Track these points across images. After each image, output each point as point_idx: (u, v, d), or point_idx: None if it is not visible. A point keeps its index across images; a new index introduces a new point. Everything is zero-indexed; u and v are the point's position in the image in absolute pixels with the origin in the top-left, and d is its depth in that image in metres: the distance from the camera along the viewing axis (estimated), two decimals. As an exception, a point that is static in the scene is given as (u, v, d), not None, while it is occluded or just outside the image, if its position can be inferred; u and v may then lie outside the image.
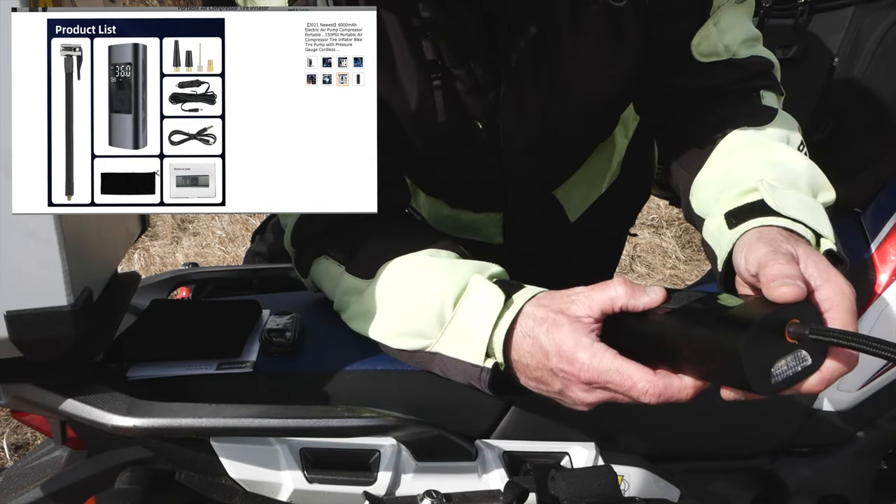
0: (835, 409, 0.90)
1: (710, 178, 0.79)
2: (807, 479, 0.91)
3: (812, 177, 0.75)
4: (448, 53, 0.78)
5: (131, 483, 0.71)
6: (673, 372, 0.58)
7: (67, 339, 0.57)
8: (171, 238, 3.30)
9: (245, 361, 0.77)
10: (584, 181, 1.11)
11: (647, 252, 2.93)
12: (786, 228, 0.66)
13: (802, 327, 0.53)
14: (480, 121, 0.85)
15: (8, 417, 1.93)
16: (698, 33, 0.84)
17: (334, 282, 0.83)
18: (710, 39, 0.84)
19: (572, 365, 0.61)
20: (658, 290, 0.61)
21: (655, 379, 0.57)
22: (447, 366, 0.71)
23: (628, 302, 0.60)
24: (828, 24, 1.04)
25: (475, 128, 0.86)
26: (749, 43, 0.87)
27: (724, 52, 0.85)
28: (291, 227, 0.86)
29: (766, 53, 0.88)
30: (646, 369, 0.58)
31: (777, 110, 0.83)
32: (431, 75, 0.80)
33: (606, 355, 0.60)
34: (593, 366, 0.59)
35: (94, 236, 0.66)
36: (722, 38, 0.84)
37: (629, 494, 0.79)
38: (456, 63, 0.79)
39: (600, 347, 0.60)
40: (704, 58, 0.85)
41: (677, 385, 0.57)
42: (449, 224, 1.13)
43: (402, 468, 0.74)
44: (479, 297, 0.69)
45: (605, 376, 0.59)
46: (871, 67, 0.99)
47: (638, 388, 0.57)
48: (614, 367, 0.59)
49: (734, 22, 0.85)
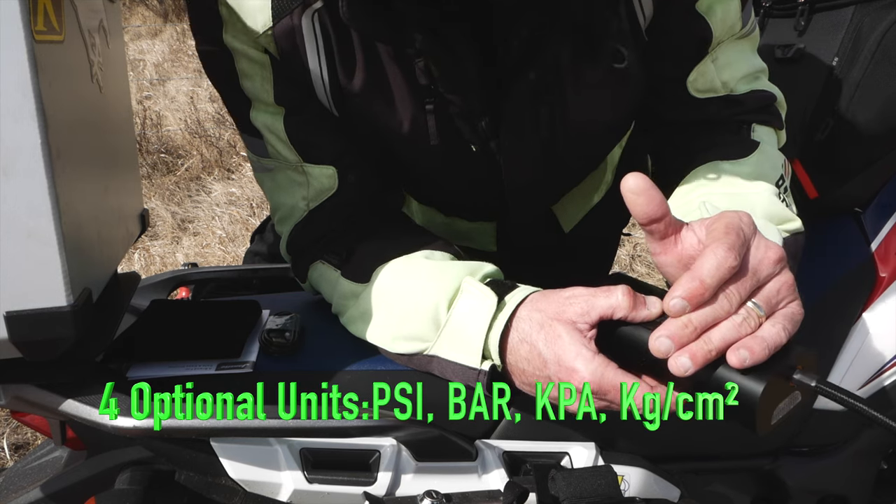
0: (835, 409, 0.90)
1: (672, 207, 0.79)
2: (807, 479, 0.91)
3: (770, 209, 0.72)
4: (441, 80, 0.76)
5: (131, 484, 0.71)
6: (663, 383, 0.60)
7: (67, 339, 0.56)
8: (171, 238, 3.30)
9: (245, 362, 0.77)
10: (580, 193, 1.10)
11: (647, 252, 2.93)
12: None
13: (807, 377, 0.55)
14: (474, 144, 0.83)
15: (8, 418, 1.93)
16: (695, 69, 0.83)
17: (331, 286, 0.83)
18: (707, 76, 0.83)
19: (571, 375, 0.61)
20: (657, 302, 0.60)
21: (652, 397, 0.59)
22: (445, 368, 0.71)
23: (629, 314, 0.60)
24: (828, 24, 1.04)
25: (469, 151, 0.84)
26: (749, 78, 0.85)
27: (721, 88, 0.84)
28: (287, 235, 0.86)
29: (768, 87, 0.86)
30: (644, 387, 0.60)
31: (758, 144, 0.81)
32: (424, 99, 0.78)
33: (608, 370, 0.60)
34: (594, 380, 0.60)
35: (94, 236, 0.66)
36: (720, 75, 0.83)
37: (629, 494, 0.79)
38: (449, 88, 0.77)
39: (601, 361, 0.60)
40: (700, 94, 0.84)
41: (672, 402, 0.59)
42: (442, 231, 1.12)
43: (402, 468, 0.74)
44: (471, 299, 0.69)
45: (604, 389, 0.60)
46: (871, 67, 0.99)
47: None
48: (614, 383, 0.59)
49: (735, 57, 0.83)
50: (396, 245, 0.80)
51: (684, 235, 0.60)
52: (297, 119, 0.81)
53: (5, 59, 0.52)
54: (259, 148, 0.83)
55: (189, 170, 4.04)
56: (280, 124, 0.80)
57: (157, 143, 4.35)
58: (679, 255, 0.59)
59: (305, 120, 0.81)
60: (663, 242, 0.60)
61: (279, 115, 0.80)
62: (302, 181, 0.83)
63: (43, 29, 0.55)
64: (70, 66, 0.63)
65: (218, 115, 4.55)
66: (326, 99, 0.80)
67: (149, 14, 7.83)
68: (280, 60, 0.77)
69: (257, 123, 0.81)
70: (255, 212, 3.45)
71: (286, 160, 0.82)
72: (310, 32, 0.75)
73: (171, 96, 5.42)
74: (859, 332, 0.90)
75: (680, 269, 0.59)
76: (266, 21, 0.74)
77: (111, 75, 0.79)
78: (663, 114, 0.89)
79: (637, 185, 0.56)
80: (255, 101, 0.80)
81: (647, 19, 0.79)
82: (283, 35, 0.74)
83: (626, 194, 0.57)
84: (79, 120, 0.64)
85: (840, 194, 1.02)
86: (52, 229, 0.54)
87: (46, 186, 0.54)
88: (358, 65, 0.77)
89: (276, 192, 0.86)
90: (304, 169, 0.82)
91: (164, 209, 3.52)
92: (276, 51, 0.76)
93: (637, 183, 0.56)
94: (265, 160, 0.84)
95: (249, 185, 3.76)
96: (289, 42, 0.75)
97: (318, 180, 0.82)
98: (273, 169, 0.84)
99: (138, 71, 6.14)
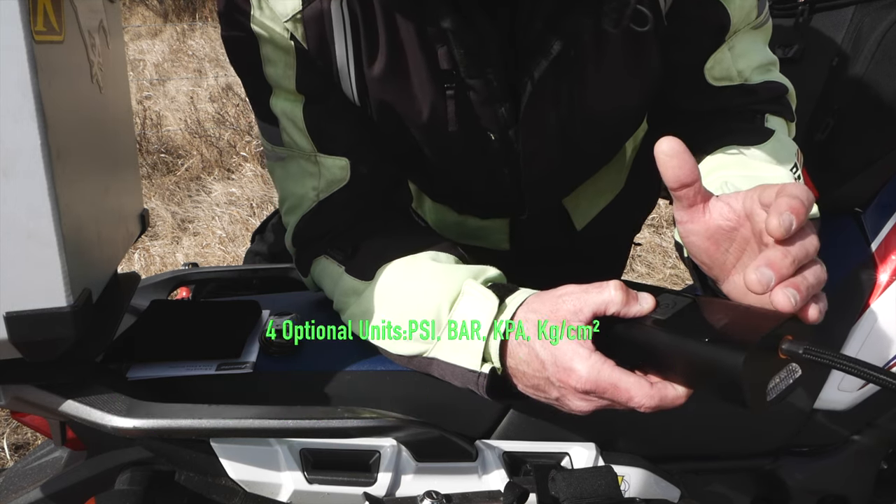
0: (835, 409, 0.90)
1: None
2: (807, 479, 0.91)
3: None
4: (464, 63, 0.77)
5: (131, 484, 0.71)
6: (662, 378, 0.59)
7: (67, 339, 0.56)
8: (171, 238, 3.30)
9: (245, 362, 0.76)
10: (593, 190, 1.11)
11: (647, 252, 2.93)
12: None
13: (796, 345, 0.53)
14: (493, 132, 0.85)
15: (8, 418, 1.93)
16: (712, 57, 0.84)
17: (334, 282, 0.83)
18: (724, 64, 0.85)
19: (569, 375, 0.61)
20: (649, 298, 0.61)
21: (652, 391, 0.58)
22: (445, 371, 0.71)
23: (621, 309, 0.61)
24: (828, 23, 1.04)
25: (487, 139, 0.85)
26: (764, 69, 0.87)
27: (736, 77, 0.85)
28: (293, 227, 0.87)
29: (780, 79, 0.88)
30: (643, 382, 0.59)
31: (773, 132, 0.83)
32: (445, 85, 0.80)
33: (605, 368, 0.60)
34: (591, 377, 0.60)
35: (94, 237, 0.66)
36: (736, 64, 0.85)
37: (629, 495, 0.79)
38: (471, 73, 0.78)
39: (598, 359, 0.60)
40: (717, 81, 0.86)
41: (672, 395, 0.59)
42: (455, 230, 1.13)
43: (403, 469, 0.74)
44: (473, 302, 0.69)
45: (602, 388, 0.60)
46: (871, 67, 0.98)
47: (635, 401, 0.59)
48: (612, 381, 0.59)
49: (749, 47, 0.85)
50: (401, 245, 0.80)
51: (713, 206, 0.60)
52: (317, 108, 0.82)
53: (5, 60, 0.52)
54: (274, 136, 0.84)
55: (189, 170, 4.03)
56: (299, 111, 0.82)
57: (157, 143, 4.35)
58: (706, 225, 0.60)
59: (324, 109, 0.82)
60: (691, 210, 0.60)
61: (299, 103, 0.82)
62: (314, 171, 0.84)
63: (43, 29, 0.55)
64: (70, 66, 0.63)
65: (218, 115, 4.55)
66: (350, 86, 0.81)
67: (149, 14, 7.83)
68: (305, 47, 0.78)
69: (276, 110, 0.82)
70: (255, 212, 3.45)
71: (300, 149, 0.83)
72: (338, 17, 0.77)
73: (171, 96, 5.42)
74: (859, 333, 0.90)
75: (705, 238, 0.60)
76: (296, 5, 0.76)
77: (111, 75, 0.79)
78: (678, 102, 0.90)
79: (671, 147, 0.57)
80: (276, 89, 0.81)
81: (668, 4, 0.81)
82: (312, 19, 0.76)
83: (659, 156, 0.57)
84: (79, 120, 0.64)
85: (840, 194, 1.02)
86: (52, 230, 0.54)
87: (46, 187, 0.54)
88: (381, 50, 0.78)
89: (287, 182, 0.86)
90: (317, 159, 0.83)
91: (164, 209, 3.52)
92: (302, 36, 0.77)
93: (671, 146, 0.57)
94: (279, 148, 0.85)
95: (249, 185, 3.76)
96: (317, 26, 0.77)
97: (331, 171, 0.83)
98: (286, 158, 0.85)
99: (138, 71, 6.13)
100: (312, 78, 0.80)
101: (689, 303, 0.61)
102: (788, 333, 0.54)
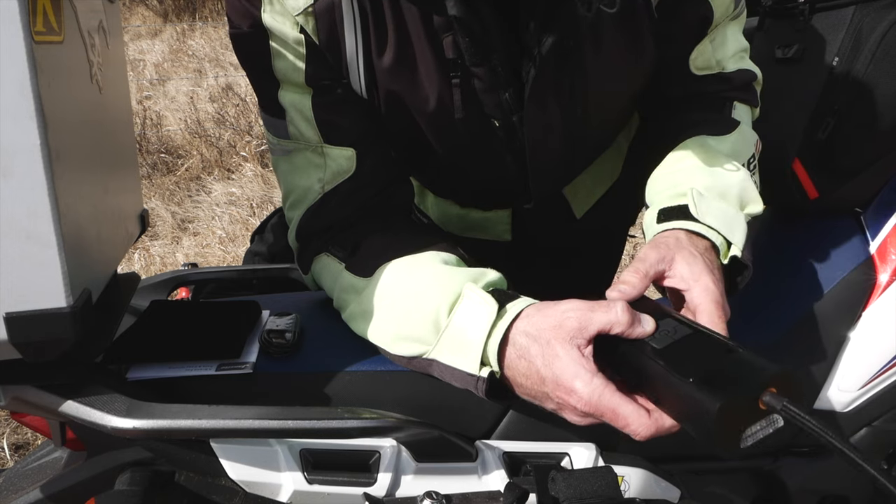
0: (835, 409, 0.90)
1: (661, 173, 0.87)
2: (807, 479, 0.91)
3: (743, 189, 0.82)
4: (469, 51, 0.79)
5: (131, 484, 0.71)
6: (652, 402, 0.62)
7: (67, 340, 0.56)
8: (171, 238, 3.30)
9: (245, 362, 0.76)
10: (590, 179, 1.13)
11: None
12: (697, 233, 0.76)
13: (777, 400, 0.54)
14: (497, 119, 0.86)
15: (8, 418, 1.93)
16: (696, 49, 0.91)
17: (333, 278, 0.84)
18: (706, 55, 0.91)
19: (570, 396, 0.62)
20: (650, 321, 0.63)
21: (649, 422, 0.60)
22: (444, 372, 0.71)
23: (625, 330, 0.62)
24: (828, 23, 1.03)
25: (491, 126, 0.87)
26: (738, 56, 0.94)
27: (715, 66, 0.92)
28: (297, 221, 0.87)
29: (751, 66, 0.95)
30: (641, 412, 0.61)
31: (738, 123, 0.90)
32: (450, 73, 0.81)
33: (605, 392, 0.61)
34: (592, 401, 0.61)
35: (94, 237, 0.66)
36: (715, 54, 0.92)
37: (629, 495, 0.79)
38: (476, 61, 0.80)
39: (599, 383, 0.61)
40: (699, 71, 0.93)
41: (668, 424, 0.61)
42: (457, 223, 1.14)
43: (403, 469, 0.74)
44: (472, 305, 0.69)
45: (601, 412, 0.61)
46: (872, 67, 0.98)
47: (631, 429, 0.61)
48: (612, 406, 0.61)
49: (727, 37, 0.92)
50: (402, 243, 0.80)
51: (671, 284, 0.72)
52: (325, 100, 0.83)
53: (5, 60, 0.52)
54: (280, 129, 0.85)
55: (189, 170, 4.03)
56: (308, 102, 0.82)
57: (157, 143, 4.35)
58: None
59: (332, 101, 0.83)
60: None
61: (307, 95, 0.82)
62: (319, 163, 0.84)
63: (42, 30, 0.55)
64: (69, 66, 0.63)
65: (218, 115, 4.55)
66: (358, 77, 0.82)
67: (149, 14, 7.82)
68: (316, 41, 0.79)
69: (284, 102, 0.83)
70: (255, 212, 3.45)
71: (307, 141, 0.84)
72: (349, 9, 0.78)
73: (171, 96, 5.42)
74: (859, 333, 0.90)
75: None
76: None
77: (111, 75, 0.79)
78: (668, 92, 0.96)
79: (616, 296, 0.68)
80: (285, 82, 0.82)
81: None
82: (324, 12, 0.77)
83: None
84: (78, 120, 0.64)
85: (840, 194, 1.02)
86: (51, 230, 0.54)
87: (46, 187, 0.54)
88: (389, 42, 0.80)
89: (292, 175, 0.87)
90: (323, 150, 0.84)
91: (164, 209, 3.52)
92: (313, 30, 0.78)
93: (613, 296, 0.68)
94: (285, 142, 0.85)
95: (249, 185, 3.77)
96: (328, 19, 0.78)
97: (337, 161, 0.84)
98: (291, 151, 0.85)
99: (138, 71, 6.13)
100: (321, 71, 0.81)
101: (688, 333, 0.62)
102: (775, 386, 0.55)
